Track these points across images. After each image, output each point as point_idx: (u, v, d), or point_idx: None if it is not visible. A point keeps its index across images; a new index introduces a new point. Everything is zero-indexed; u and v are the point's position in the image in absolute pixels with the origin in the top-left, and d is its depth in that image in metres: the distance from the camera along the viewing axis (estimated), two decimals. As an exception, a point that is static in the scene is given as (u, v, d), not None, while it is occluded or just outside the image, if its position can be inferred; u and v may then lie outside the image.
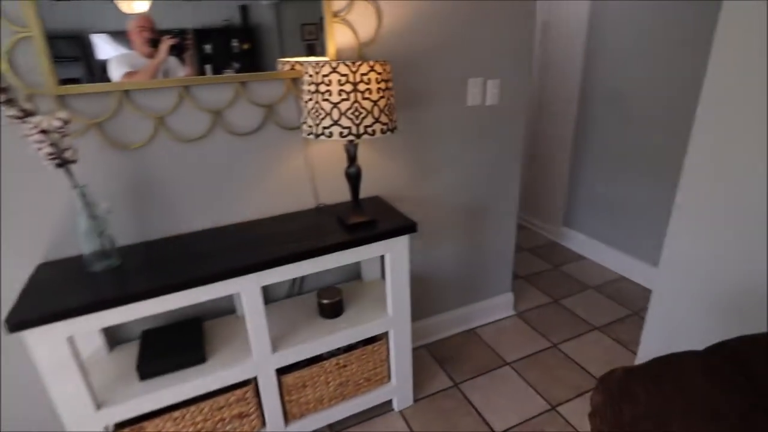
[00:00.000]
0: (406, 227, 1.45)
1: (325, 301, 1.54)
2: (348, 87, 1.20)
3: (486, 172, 1.97)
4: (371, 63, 1.22)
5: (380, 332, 1.57)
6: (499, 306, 2.30)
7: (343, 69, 1.19)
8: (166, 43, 1.28)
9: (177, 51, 1.30)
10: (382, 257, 1.73)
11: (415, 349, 2.10)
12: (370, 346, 1.61)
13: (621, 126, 2.55)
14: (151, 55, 1.28)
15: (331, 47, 1.46)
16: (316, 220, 1.53)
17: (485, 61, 1.76)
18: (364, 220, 1.45)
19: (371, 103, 1.24)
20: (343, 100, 1.21)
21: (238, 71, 1.38)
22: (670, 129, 2.30)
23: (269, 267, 1.28)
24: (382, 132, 1.28)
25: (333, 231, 1.42)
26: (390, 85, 1.29)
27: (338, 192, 1.68)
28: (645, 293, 2.50)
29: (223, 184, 1.48)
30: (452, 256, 2.05)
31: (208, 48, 1.34)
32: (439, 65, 1.68)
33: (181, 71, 1.32)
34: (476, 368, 1.97)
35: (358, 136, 1.24)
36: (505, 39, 1.77)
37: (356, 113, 1.23)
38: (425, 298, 2.07)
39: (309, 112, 1.27)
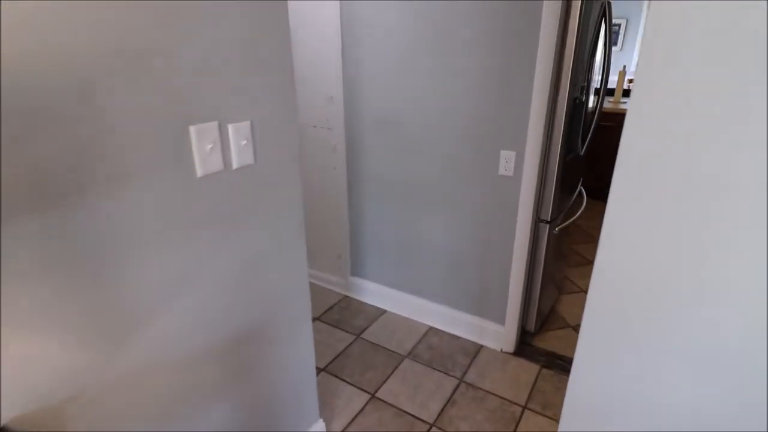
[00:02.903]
0: None
1: None
2: None
3: (254, 274, 1.16)
4: None
5: None
6: (308, 447, 1.54)
7: None
8: None
9: None
10: None
11: None
12: None
13: (397, 155, 2.13)
14: None
15: None
16: None
17: (220, 88, 0.94)
18: None
19: None
20: None
21: None
22: (449, 157, 1.97)
23: None
24: None
25: None
26: None
27: None
28: (455, 343, 2.17)
29: None
30: (227, 424, 1.17)
31: None
32: (122, 101, 0.77)
33: None
34: None
35: None
36: (250, 44, 0.98)
37: None
38: None
39: None
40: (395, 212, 2.25)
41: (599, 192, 2.82)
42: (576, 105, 1.84)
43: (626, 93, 4.51)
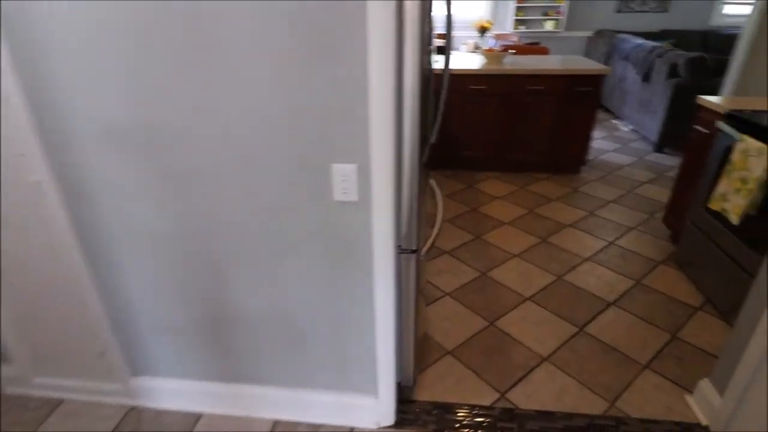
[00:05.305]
0: None
1: None
2: None
3: None
4: None
5: None
6: None
7: None
8: None
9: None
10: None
11: None
12: None
13: (168, 192, 1.24)
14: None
15: None
16: None
17: None
18: None
19: None
20: None
21: None
22: (256, 187, 1.19)
23: None
24: None
25: None
26: None
27: None
28: (320, 438, 1.50)
29: None
30: None
31: None
32: None
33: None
34: None
35: None
36: None
37: None
38: None
39: None
40: (184, 275, 1.37)
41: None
42: (428, 78, 1.24)
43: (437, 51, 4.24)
